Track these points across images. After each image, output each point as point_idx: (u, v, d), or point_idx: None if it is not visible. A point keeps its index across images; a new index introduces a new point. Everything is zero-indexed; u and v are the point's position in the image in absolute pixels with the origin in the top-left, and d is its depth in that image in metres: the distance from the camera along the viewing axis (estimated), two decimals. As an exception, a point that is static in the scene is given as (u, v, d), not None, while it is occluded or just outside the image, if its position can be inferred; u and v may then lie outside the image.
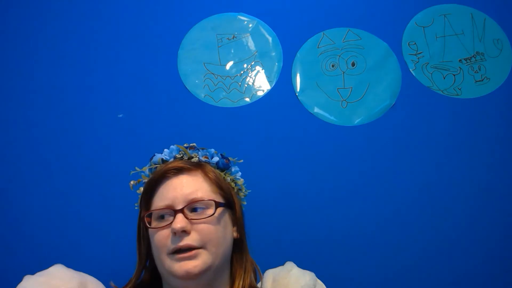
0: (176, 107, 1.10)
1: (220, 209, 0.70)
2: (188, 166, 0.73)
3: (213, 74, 1.13)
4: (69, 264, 0.71)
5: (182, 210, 0.67)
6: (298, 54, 1.14)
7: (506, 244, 1.01)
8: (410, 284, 0.99)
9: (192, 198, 0.69)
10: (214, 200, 0.69)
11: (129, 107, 1.09)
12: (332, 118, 1.10)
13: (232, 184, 0.78)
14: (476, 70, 1.13)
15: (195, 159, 0.75)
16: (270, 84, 1.13)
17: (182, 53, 1.14)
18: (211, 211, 0.68)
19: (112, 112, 1.09)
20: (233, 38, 1.16)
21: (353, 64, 1.14)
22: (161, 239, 0.68)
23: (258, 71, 1.14)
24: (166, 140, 0.85)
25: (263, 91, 1.12)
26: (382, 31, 1.15)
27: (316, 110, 1.11)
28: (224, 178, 0.77)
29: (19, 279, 0.66)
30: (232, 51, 1.15)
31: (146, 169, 0.79)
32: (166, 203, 0.69)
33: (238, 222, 0.75)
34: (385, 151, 1.07)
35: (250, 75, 1.13)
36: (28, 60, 1.12)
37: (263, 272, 0.77)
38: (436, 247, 1.01)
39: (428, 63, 1.14)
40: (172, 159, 0.77)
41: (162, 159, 0.77)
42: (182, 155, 0.77)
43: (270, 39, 1.16)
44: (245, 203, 0.84)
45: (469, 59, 1.14)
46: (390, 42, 1.15)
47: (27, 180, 1.03)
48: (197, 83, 1.12)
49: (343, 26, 1.16)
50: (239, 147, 1.05)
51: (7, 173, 1.04)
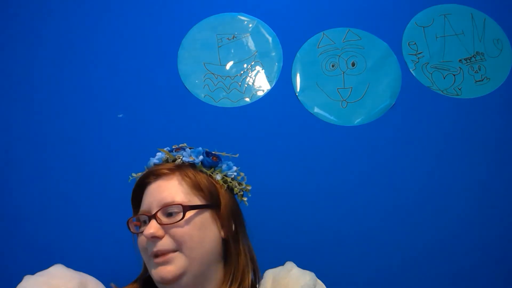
0: (176, 107, 1.10)
1: (192, 212, 0.69)
2: (166, 171, 0.73)
3: (213, 74, 1.13)
4: (69, 264, 0.71)
5: (154, 216, 0.68)
6: (298, 54, 1.14)
7: (506, 244, 1.01)
8: (410, 284, 0.99)
9: (163, 203, 0.69)
10: (182, 204, 0.68)
11: (129, 107, 1.10)
12: (332, 118, 1.10)
13: (221, 182, 0.75)
14: (476, 70, 1.13)
15: (178, 161, 0.75)
16: (270, 84, 1.12)
17: (182, 53, 1.14)
18: (181, 215, 0.68)
19: (112, 112, 1.09)
20: (233, 38, 1.16)
21: (353, 64, 1.14)
22: (142, 244, 0.70)
23: (258, 71, 1.14)
24: (166, 140, 0.85)
25: (263, 91, 1.12)
26: (382, 31, 1.15)
27: (316, 110, 1.11)
28: (211, 176, 0.75)
29: (19, 279, 0.66)
30: (232, 51, 1.15)
31: (140, 174, 0.79)
32: (144, 209, 0.71)
33: (223, 222, 0.72)
34: (385, 151, 1.07)
35: (250, 75, 1.13)
36: (28, 60, 1.12)
37: (263, 272, 0.77)
38: (436, 247, 1.01)
39: (428, 63, 1.14)
40: (161, 163, 0.77)
41: (154, 163, 0.77)
42: (167, 158, 0.77)
43: (270, 39, 1.15)
44: (249, 195, 0.81)
45: (469, 59, 1.14)
46: (390, 42, 1.15)
47: (27, 180, 1.04)
48: (197, 83, 1.12)
49: (343, 26, 1.16)
50: (239, 147, 1.04)
51: (7, 173, 1.04)
